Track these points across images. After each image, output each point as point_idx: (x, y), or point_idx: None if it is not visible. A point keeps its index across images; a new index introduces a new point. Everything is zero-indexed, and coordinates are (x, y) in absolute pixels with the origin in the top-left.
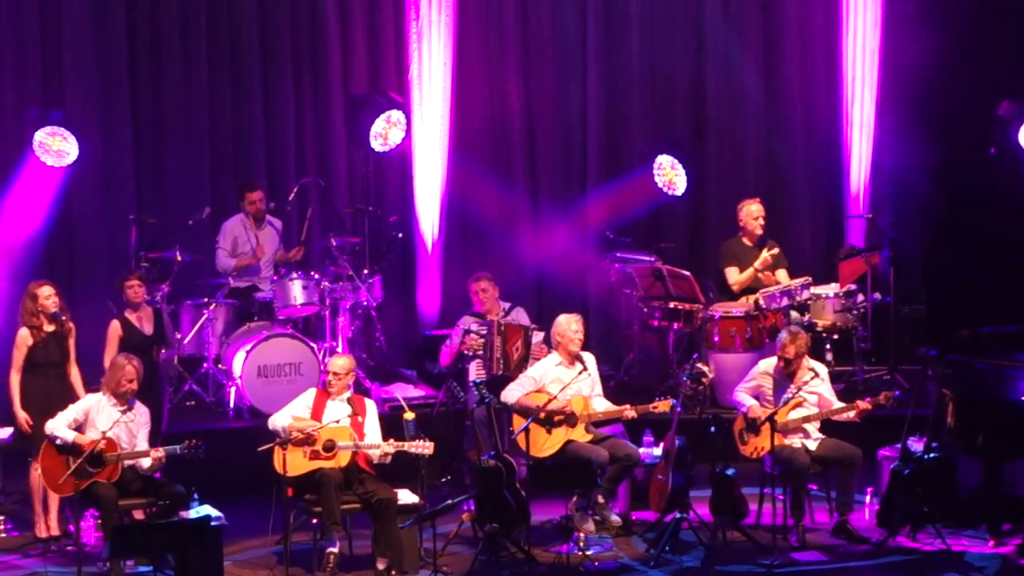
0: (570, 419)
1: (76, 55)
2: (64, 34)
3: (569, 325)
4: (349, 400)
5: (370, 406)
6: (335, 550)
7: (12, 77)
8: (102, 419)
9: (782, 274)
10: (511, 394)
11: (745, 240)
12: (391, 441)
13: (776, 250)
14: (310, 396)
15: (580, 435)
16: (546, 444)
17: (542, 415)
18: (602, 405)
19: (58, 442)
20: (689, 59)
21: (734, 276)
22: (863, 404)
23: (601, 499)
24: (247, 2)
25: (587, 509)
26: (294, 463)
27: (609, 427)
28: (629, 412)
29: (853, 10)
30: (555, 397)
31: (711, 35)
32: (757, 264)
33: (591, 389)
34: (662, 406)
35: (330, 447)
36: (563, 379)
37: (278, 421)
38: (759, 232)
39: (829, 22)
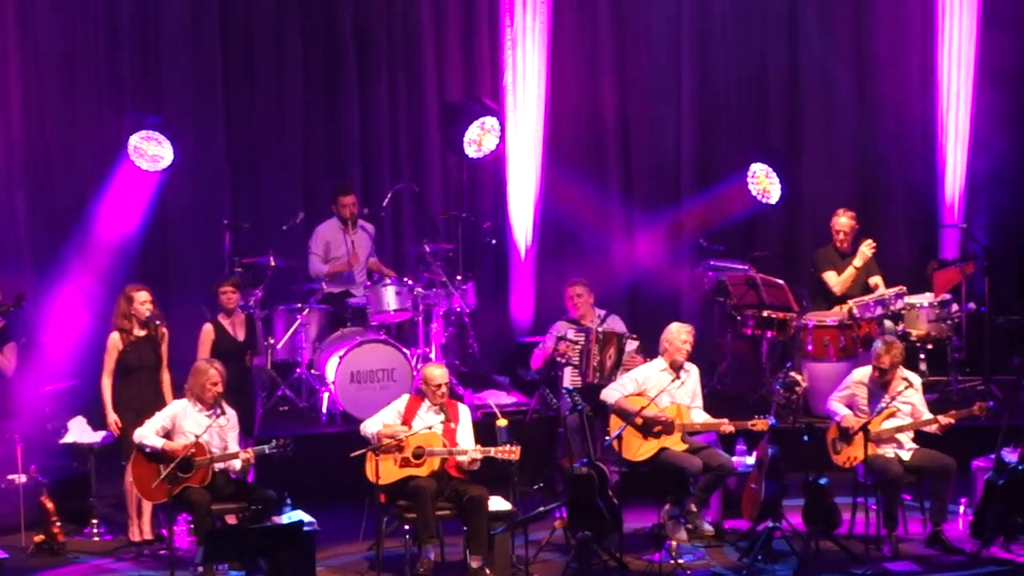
0: (667, 427)
1: (172, 61)
2: (161, 40)
3: (679, 334)
4: (442, 407)
5: (464, 412)
6: (430, 558)
7: (109, 81)
8: (190, 424)
9: (876, 281)
10: (611, 394)
11: (836, 244)
12: (478, 447)
13: (872, 244)
14: (403, 402)
15: (675, 443)
16: (641, 449)
17: (639, 420)
18: (700, 417)
19: (147, 450)
20: (783, 67)
21: (833, 279)
22: (944, 419)
23: (694, 507)
24: (341, 9)
25: (679, 517)
26: (386, 470)
27: (703, 436)
28: (727, 427)
29: (949, 12)
30: (653, 401)
31: (804, 42)
32: (856, 262)
33: (691, 399)
34: (760, 424)
35: (419, 454)
36: (663, 384)
37: (370, 428)
38: (845, 244)
39: (925, 26)
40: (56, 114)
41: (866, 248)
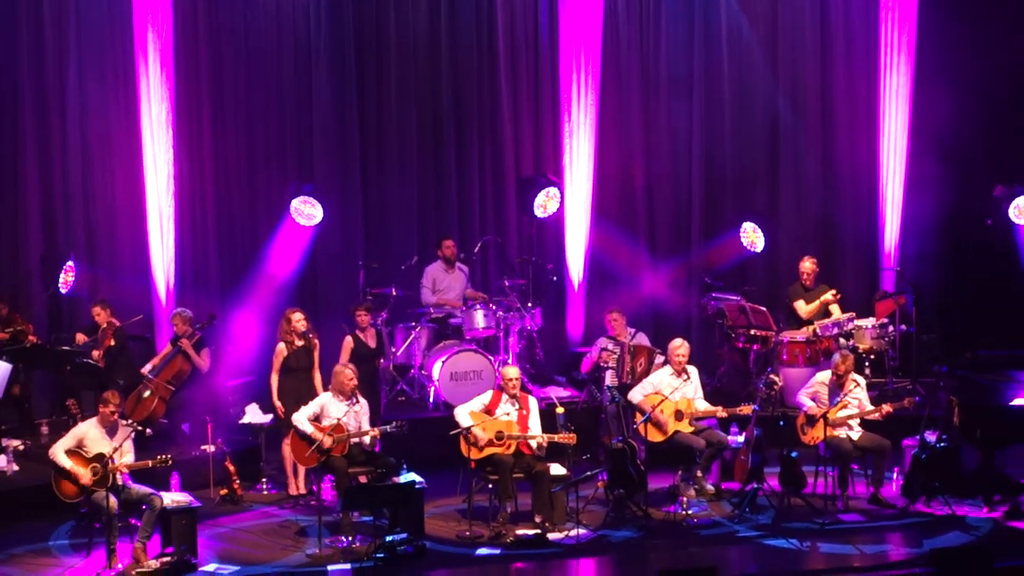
0: (678, 415)
1: (322, 142)
2: (314, 125)
3: (675, 349)
4: (516, 398)
5: (532, 403)
6: (507, 511)
7: (277, 157)
8: (333, 410)
9: (835, 308)
10: (635, 395)
11: (802, 282)
12: (545, 435)
13: (836, 294)
14: (487, 396)
15: (685, 427)
16: (660, 434)
17: (654, 420)
18: (702, 405)
19: (300, 431)
20: (766, 145)
21: (803, 308)
22: (886, 408)
23: (700, 473)
24: (446, 104)
25: (689, 481)
26: (475, 451)
27: (706, 420)
28: (721, 412)
29: (888, 110)
30: (667, 398)
31: (783, 122)
32: (822, 298)
33: (694, 393)
34: (745, 409)
35: (500, 437)
36: (673, 384)
37: (459, 414)
38: (809, 282)
39: (870, 116)
40: (239, 182)
41: (829, 295)
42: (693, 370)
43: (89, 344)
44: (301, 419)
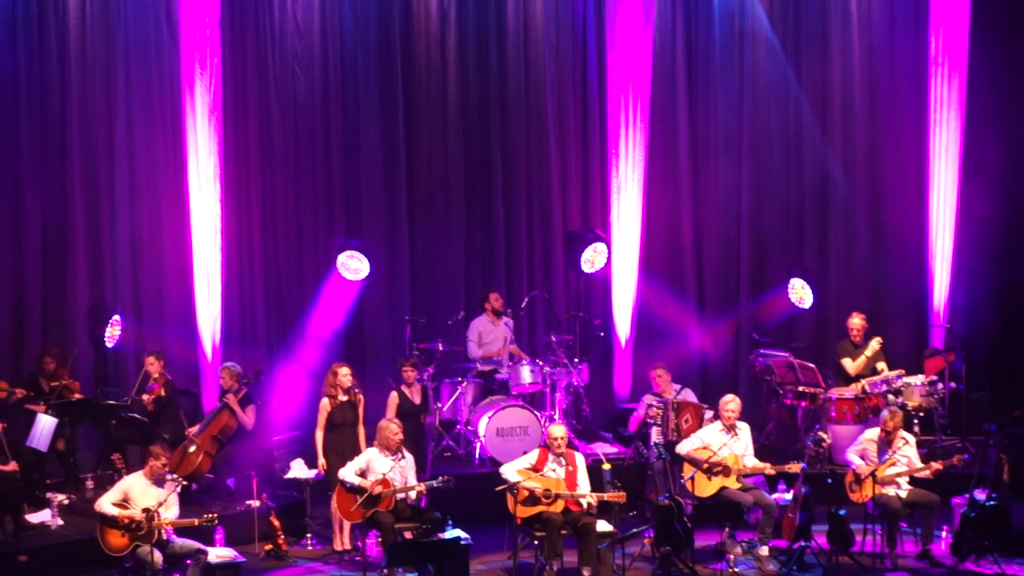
0: (725, 470)
1: (370, 196)
2: (361, 183)
3: (726, 404)
4: (562, 456)
5: (579, 459)
6: (553, 568)
7: (324, 214)
8: (379, 465)
9: (882, 366)
10: (683, 447)
11: (851, 339)
12: (595, 494)
13: (880, 340)
14: (534, 455)
15: (732, 483)
16: (707, 488)
17: (705, 466)
18: (752, 462)
19: (348, 485)
20: (814, 200)
21: (850, 364)
22: (936, 465)
23: (764, 551)
24: (494, 158)
25: (735, 538)
26: (523, 508)
27: (753, 478)
28: (769, 470)
29: (938, 170)
30: (716, 453)
31: (832, 179)
32: (868, 352)
33: (744, 449)
34: (794, 467)
35: (548, 495)
36: (723, 440)
37: (506, 471)
38: (858, 338)
39: (919, 176)
40: (286, 236)
41: (875, 343)
42: (744, 427)
43: (137, 400)
44: (348, 473)
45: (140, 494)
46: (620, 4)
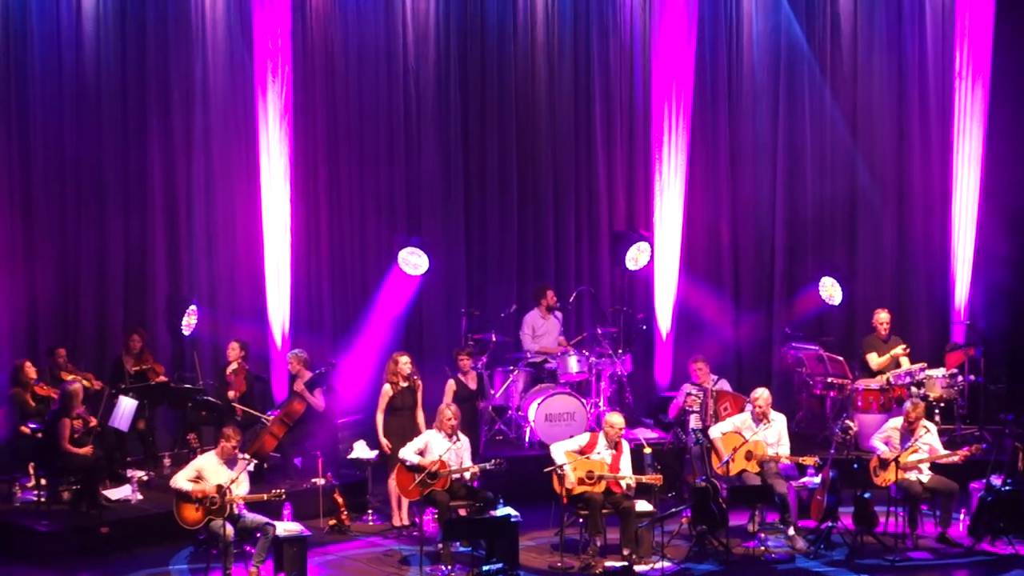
0: (747, 455)
1: (429, 197)
2: (422, 184)
3: (756, 398)
4: (614, 444)
5: (625, 446)
6: (596, 544)
7: (387, 212)
8: (436, 447)
9: (906, 359)
10: (714, 431)
11: (878, 334)
12: (634, 476)
13: (905, 348)
14: (585, 438)
15: (752, 468)
16: (728, 470)
17: (733, 456)
18: (784, 451)
19: (407, 464)
20: (844, 204)
21: (874, 360)
22: (963, 452)
23: (791, 532)
24: (545, 162)
25: (765, 519)
26: (568, 487)
27: (783, 465)
28: (785, 459)
29: (960, 174)
30: (747, 441)
31: (861, 184)
32: (891, 353)
33: (776, 438)
34: (807, 460)
35: (591, 476)
36: (754, 428)
37: (555, 453)
38: (884, 333)
39: (943, 178)
40: (351, 233)
41: (900, 349)
42: (779, 417)
43: (215, 386)
44: (408, 453)
45: (212, 472)
46: (665, 20)
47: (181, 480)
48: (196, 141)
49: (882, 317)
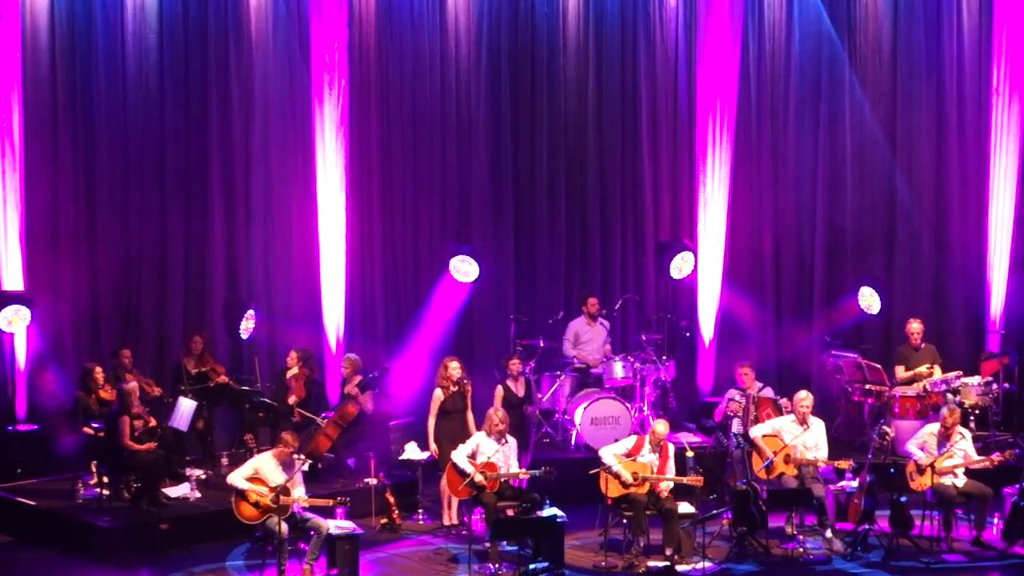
0: (786, 458)
1: (479, 206)
2: (472, 196)
3: (800, 400)
4: (659, 448)
5: (670, 448)
6: (639, 544)
7: (439, 220)
8: (486, 448)
9: (937, 370)
10: (755, 431)
11: (910, 343)
12: (674, 478)
13: (930, 367)
14: (631, 441)
15: (790, 471)
16: (769, 473)
17: (774, 456)
18: (823, 455)
19: (459, 468)
20: (883, 216)
21: (900, 373)
22: (996, 458)
23: (829, 533)
24: (592, 174)
25: (804, 521)
26: (613, 488)
27: (824, 467)
28: (821, 464)
29: (997, 187)
30: (787, 444)
31: (899, 197)
32: (918, 370)
33: (815, 442)
34: (842, 464)
35: (635, 477)
36: (794, 432)
37: (604, 456)
38: (916, 341)
39: (980, 191)
40: (404, 241)
41: (926, 368)
42: (818, 422)
43: (271, 388)
44: (460, 456)
45: (269, 472)
46: (709, 33)
47: (238, 478)
48: (255, 149)
49: (914, 327)
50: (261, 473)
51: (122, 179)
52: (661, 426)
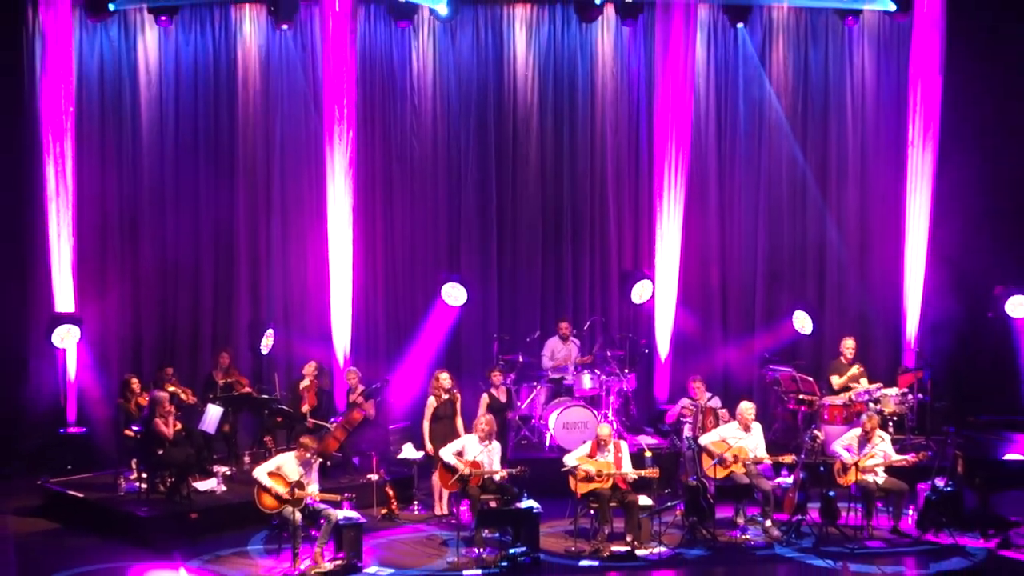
0: (735, 459)
1: (467, 241)
2: (461, 231)
3: (745, 409)
4: (611, 447)
5: (624, 446)
6: (604, 532)
7: (433, 254)
8: (471, 449)
9: (864, 381)
10: (705, 439)
11: (842, 359)
12: (634, 471)
13: (860, 370)
14: (587, 447)
15: (739, 469)
16: (719, 473)
17: (724, 455)
18: (763, 454)
19: (446, 464)
20: (815, 250)
21: (835, 381)
22: (912, 458)
23: (768, 522)
24: (565, 213)
25: (746, 512)
26: (581, 485)
27: (762, 466)
28: (767, 460)
29: (913, 225)
30: (731, 447)
31: (829, 234)
32: (849, 374)
33: (755, 444)
34: (786, 458)
35: (600, 474)
36: (738, 436)
37: (568, 461)
38: (848, 358)
39: (897, 232)
40: (403, 271)
41: (856, 369)
42: (757, 427)
43: (287, 397)
44: (447, 454)
45: (289, 469)
46: (665, 95)
47: (261, 473)
48: (275, 190)
49: (848, 344)
50: (282, 470)
51: (159, 217)
52: (604, 428)
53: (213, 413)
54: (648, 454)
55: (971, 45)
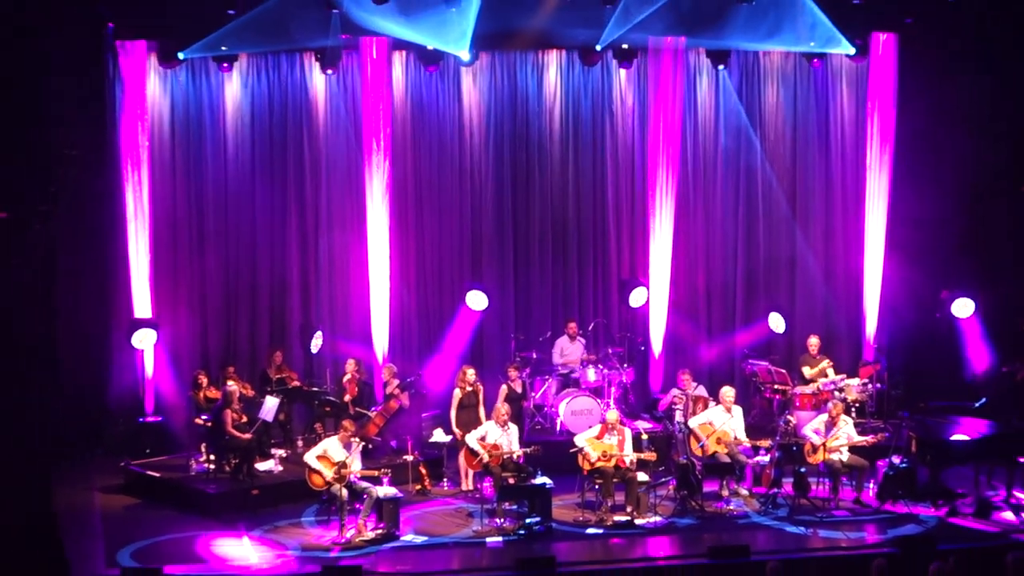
0: (718, 440)
1: (488, 254)
2: (483, 243)
3: (726, 393)
4: (616, 431)
5: (627, 432)
6: (607, 504)
7: (458, 264)
8: (492, 433)
9: (831, 371)
10: (693, 422)
11: (810, 353)
12: (635, 453)
13: (829, 363)
14: (597, 428)
15: (722, 450)
16: (704, 451)
17: (708, 437)
18: (742, 436)
19: (471, 448)
20: (787, 260)
21: (807, 372)
22: (871, 439)
23: (744, 491)
24: (571, 228)
25: (729, 486)
26: (587, 463)
27: (741, 447)
28: (747, 443)
29: (872, 238)
30: (716, 430)
31: (799, 245)
32: (819, 367)
33: (737, 426)
34: (762, 443)
35: (604, 455)
36: (722, 419)
37: (578, 440)
38: (814, 352)
39: (857, 244)
40: (433, 280)
41: (826, 363)
42: (738, 410)
43: (334, 389)
44: (472, 439)
45: (334, 451)
46: (657, 125)
47: (311, 457)
48: (322, 211)
49: (813, 340)
50: (328, 452)
51: (223, 234)
52: (612, 414)
53: (271, 403)
54: (645, 437)
55: (920, 81)
